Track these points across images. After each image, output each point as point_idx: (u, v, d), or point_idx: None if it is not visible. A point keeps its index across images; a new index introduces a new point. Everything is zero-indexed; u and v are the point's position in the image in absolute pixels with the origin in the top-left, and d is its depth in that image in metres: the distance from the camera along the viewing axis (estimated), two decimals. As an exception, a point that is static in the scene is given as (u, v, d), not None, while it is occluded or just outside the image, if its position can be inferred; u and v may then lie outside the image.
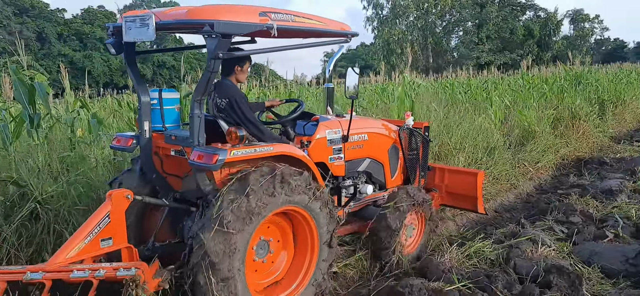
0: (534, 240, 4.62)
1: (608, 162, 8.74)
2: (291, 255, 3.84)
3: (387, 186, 4.95)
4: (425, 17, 49.90)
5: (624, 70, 25.09)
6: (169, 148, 3.79)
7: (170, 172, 3.93)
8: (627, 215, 5.40)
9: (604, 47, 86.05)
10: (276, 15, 3.46)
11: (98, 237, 3.11)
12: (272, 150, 3.49)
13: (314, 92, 13.04)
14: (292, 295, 3.69)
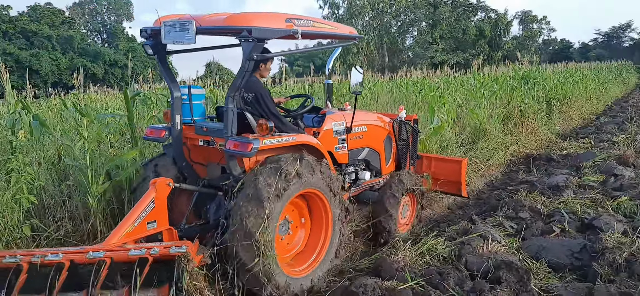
0: (485, 237, 4.70)
1: (555, 158, 9.02)
2: (307, 233, 4.35)
3: (382, 173, 5.53)
4: (381, 17, 50.38)
5: (569, 69, 26.04)
6: (197, 138, 4.29)
7: (196, 160, 4.45)
8: (573, 210, 5.57)
9: (551, 47, 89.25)
10: (299, 21, 3.96)
11: (145, 220, 3.55)
12: (295, 140, 4.06)
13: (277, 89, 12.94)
14: (310, 268, 4.17)
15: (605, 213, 5.27)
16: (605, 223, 4.95)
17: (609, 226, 4.88)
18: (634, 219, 5.25)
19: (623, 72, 38.16)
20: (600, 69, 33.52)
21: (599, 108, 18.44)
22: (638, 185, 6.48)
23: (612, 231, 4.70)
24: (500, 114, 10.31)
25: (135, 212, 3.54)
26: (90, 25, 64.91)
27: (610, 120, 14.36)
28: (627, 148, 8.76)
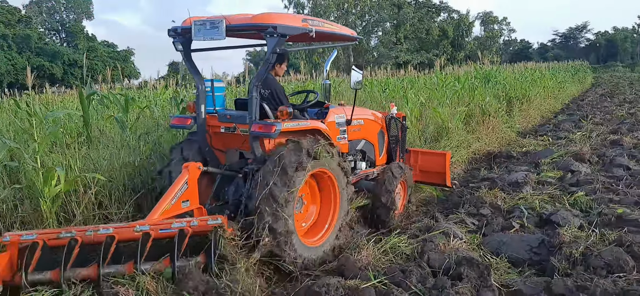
0: (447, 233, 4.74)
1: (515, 155, 9.21)
2: (318, 210, 4.83)
3: (376, 163, 6.08)
4: (346, 17, 50.54)
5: (529, 69, 26.69)
6: (219, 126, 4.76)
7: (216, 147, 4.93)
8: (532, 206, 5.69)
9: (512, 48, 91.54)
10: (312, 21, 4.55)
11: (180, 200, 4.02)
12: (309, 125, 4.61)
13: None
14: (320, 241, 4.62)
15: (562, 209, 5.39)
16: (563, 218, 5.06)
17: (566, 221, 5.00)
18: (589, 214, 5.39)
19: (579, 72, 39.38)
20: (558, 69, 34.53)
21: (557, 106, 18.94)
22: (593, 180, 6.66)
23: (569, 226, 4.81)
24: (462, 113, 10.46)
25: (171, 192, 4.02)
26: (48, 23, 62.89)
27: (567, 118, 14.77)
28: (583, 145, 9.03)
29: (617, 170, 7.28)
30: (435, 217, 5.61)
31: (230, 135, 4.75)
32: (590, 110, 16.84)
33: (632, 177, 6.82)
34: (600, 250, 4.05)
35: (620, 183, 6.53)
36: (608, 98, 21.62)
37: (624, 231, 4.49)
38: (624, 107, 16.83)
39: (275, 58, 4.35)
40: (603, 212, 5.26)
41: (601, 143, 9.72)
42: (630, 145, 9.15)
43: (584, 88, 30.33)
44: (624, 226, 4.76)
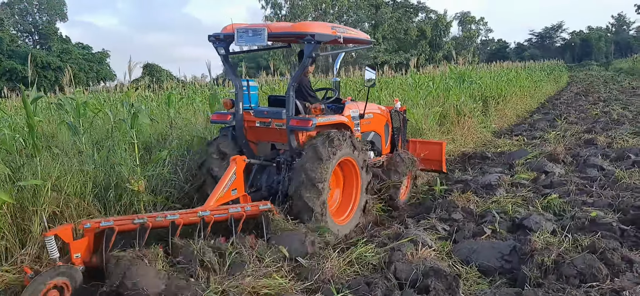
0: (416, 242, 4.52)
1: (490, 156, 9.08)
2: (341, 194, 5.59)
3: (382, 152, 6.75)
4: (324, 18, 50.41)
5: (505, 68, 26.82)
6: (255, 121, 5.37)
7: (250, 139, 5.57)
8: (504, 210, 5.52)
9: (489, 47, 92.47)
10: (338, 28, 5.27)
11: (230, 189, 4.71)
12: (336, 120, 5.39)
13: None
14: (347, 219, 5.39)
15: (535, 213, 5.23)
16: (535, 223, 4.90)
17: (538, 225, 4.83)
18: (562, 217, 5.24)
19: (555, 71, 39.80)
20: (534, 68, 34.85)
21: (533, 105, 18.99)
22: (567, 182, 6.54)
23: (541, 231, 4.64)
24: (436, 113, 10.32)
25: (222, 182, 4.70)
26: (21, 26, 61.46)
27: (542, 117, 14.76)
28: (557, 145, 8.94)
29: (591, 171, 7.17)
30: (406, 222, 5.41)
31: (265, 129, 5.41)
32: (565, 109, 16.90)
33: (605, 178, 6.71)
34: (573, 257, 3.87)
35: (594, 185, 6.41)
36: (583, 96, 21.77)
37: (598, 237, 4.34)
38: (598, 105, 16.91)
39: (309, 62, 5.15)
40: (576, 215, 5.10)
41: (575, 142, 9.66)
42: (604, 144, 9.09)
43: (560, 87, 30.57)
44: (598, 230, 4.61)
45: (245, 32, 4.97)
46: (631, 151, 8.01)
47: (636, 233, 4.65)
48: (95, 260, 3.83)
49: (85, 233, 3.84)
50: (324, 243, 4.62)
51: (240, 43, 5.08)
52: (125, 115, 5.74)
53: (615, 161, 7.70)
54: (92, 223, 3.86)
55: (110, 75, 52.63)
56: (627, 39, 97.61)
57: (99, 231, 3.87)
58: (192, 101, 10.12)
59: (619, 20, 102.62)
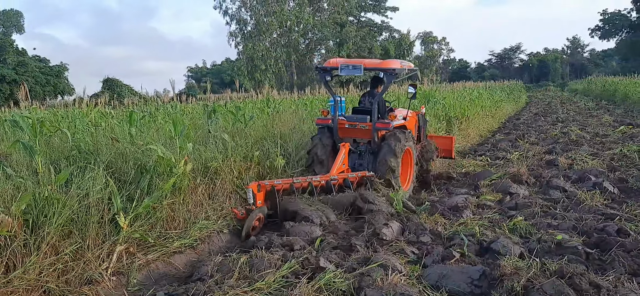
0: (385, 266, 4.45)
1: (455, 176, 9.15)
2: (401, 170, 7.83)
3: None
4: (289, 35, 50.52)
5: (467, 88, 27.34)
6: (345, 123, 7.92)
7: (341, 136, 7.92)
8: (472, 232, 5.51)
9: (451, 67, 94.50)
10: (404, 63, 8.00)
11: (342, 164, 7.31)
12: (403, 122, 8.04)
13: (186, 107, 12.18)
14: (407, 186, 8.06)
15: (502, 236, 5.24)
16: (503, 246, 4.90)
17: (506, 249, 4.83)
18: (529, 240, 5.27)
19: (514, 91, 40.88)
20: (495, 88, 35.66)
21: (495, 125, 19.38)
22: (531, 203, 6.62)
23: (509, 254, 4.65)
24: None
25: (337, 160, 7.27)
26: (-25, 37, 59.22)
27: (504, 137, 15.03)
28: (520, 165, 9.08)
29: (554, 192, 7.30)
30: (374, 246, 5.34)
31: (351, 129, 7.92)
32: (526, 129, 17.29)
33: (568, 200, 6.83)
34: (541, 282, 3.87)
35: (558, 206, 6.52)
36: (542, 117, 22.36)
37: (565, 261, 4.37)
38: (557, 126, 17.38)
39: (388, 87, 8.08)
40: (542, 238, 5.15)
41: (537, 163, 9.84)
42: (565, 165, 9.29)
43: (519, 107, 31.39)
44: (564, 254, 4.65)
45: (347, 66, 7.72)
46: (591, 172, 8.20)
47: (600, 257, 4.71)
48: (268, 203, 6.38)
49: (262, 189, 6.26)
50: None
51: (343, 73, 7.78)
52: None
53: (577, 182, 7.85)
54: (267, 183, 6.37)
55: (69, 89, 51.14)
56: (582, 61, 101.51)
57: (270, 188, 6.36)
58: (154, 119, 9.86)
59: (574, 42, 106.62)
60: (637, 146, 10.93)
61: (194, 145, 6.78)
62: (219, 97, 18.85)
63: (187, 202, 6.19)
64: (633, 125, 15.80)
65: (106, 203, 5.08)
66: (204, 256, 5.59)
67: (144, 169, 5.81)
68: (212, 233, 6.09)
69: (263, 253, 4.90)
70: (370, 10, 62.57)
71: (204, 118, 9.00)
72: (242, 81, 44.85)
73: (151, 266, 5.13)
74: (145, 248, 5.26)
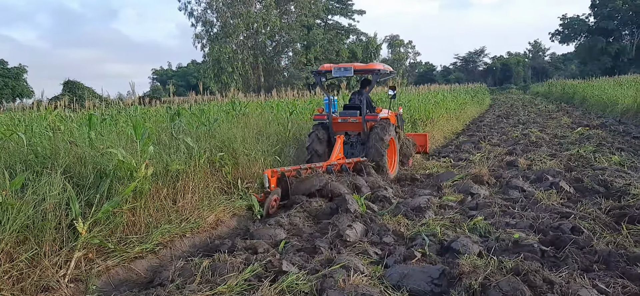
0: (348, 267, 4.49)
1: (419, 178, 9.28)
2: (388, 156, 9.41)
3: None
4: (255, 37, 50.29)
5: (432, 91, 27.76)
6: (338, 119, 9.44)
7: (335, 130, 9.44)
8: (433, 232, 5.61)
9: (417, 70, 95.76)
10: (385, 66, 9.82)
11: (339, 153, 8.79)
12: (387, 115, 9.70)
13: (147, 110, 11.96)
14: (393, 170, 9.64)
15: (462, 235, 5.35)
16: (463, 245, 5.00)
17: (466, 248, 4.93)
18: (488, 239, 5.40)
19: (478, 94, 41.71)
20: (459, 91, 36.29)
21: (459, 127, 19.74)
22: (491, 204, 6.77)
23: (468, 253, 4.75)
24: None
25: (335, 150, 8.70)
26: None
27: (468, 139, 15.32)
28: (482, 167, 9.28)
29: (513, 192, 7.48)
30: (338, 247, 5.37)
31: (343, 123, 9.52)
32: (489, 131, 17.67)
33: (526, 199, 7.02)
34: (498, 280, 3.97)
35: (516, 206, 6.69)
36: (504, 119, 22.90)
37: (521, 258, 4.48)
38: (518, 128, 17.82)
39: (373, 85, 9.84)
40: (500, 237, 5.28)
41: (498, 164, 10.07)
42: (524, 166, 9.54)
43: (483, 110, 32.06)
44: (521, 252, 4.77)
45: (339, 69, 9.28)
46: (549, 173, 8.44)
47: (555, 254, 4.85)
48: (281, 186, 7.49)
49: (274, 175, 7.41)
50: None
51: (336, 75, 9.29)
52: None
53: (535, 182, 8.07)
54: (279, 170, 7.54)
55: (27, 91, 49.65)
56: (543, 65, 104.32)
57: (281, 174, 7.51)
58: (116, 122, 9.68)
59: (536, 46, 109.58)
60: (593, 147, 11.31)
61: (156, 148, 6.68)
62: (184, 99, 18.60)
63: (148, 207, 6.09)
64: (590, 126, 16.35)
65: (64, 208, 4.96)
66: (165, 261, 5.53)
67: (104, 173, 5.69)
68: (175, 237, 6.03)
69: (226, 256, 4.89)
70: (337, 13, 62.90)
71: (167, 122, 8.88)
72: (208, 83, 44.44)
73: (111, 272, 5.04)
74: (105, 254, 5.16)
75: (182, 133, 7.98)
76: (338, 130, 9.43)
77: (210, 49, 48.99)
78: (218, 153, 7.81)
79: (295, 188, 7.54)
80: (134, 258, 5.34)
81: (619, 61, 71.21)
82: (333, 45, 55.71)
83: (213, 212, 6.88)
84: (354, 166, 8.64)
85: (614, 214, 6.05)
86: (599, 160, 9.68)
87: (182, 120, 8.66)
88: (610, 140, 12.83)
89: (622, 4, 71.62)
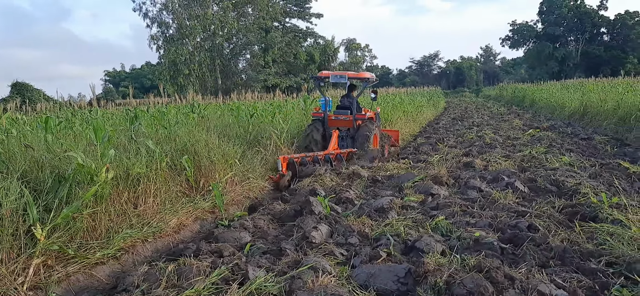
0: (316, 268, 4.53)
1: (380, 179, 9.41)
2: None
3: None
4: (213, 39, 49.71)
5: (390, 94, 28.17)
6: (332, 116, 11.71)
7: (330, 126, 11.53)
8: (397, 233, 5.71)
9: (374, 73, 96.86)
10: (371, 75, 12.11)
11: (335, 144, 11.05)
12: (372, 114, 12.23)
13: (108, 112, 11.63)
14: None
15: (425, 235, 5.47)
16: (426, 244, 5.12)
17: (429, 247, 5.06)
18: (450, 238, 5.54)
19: (434, 97, 42.62)
20: (415, 94, 36.97)
21: (416, 129, 20.11)
22: (451, 204, 6.95)
23: (432, 252, 4.87)
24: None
25: (332, 142, 10.86)
26: None
27: (425, 141, 15.60)
28: (440, 168, 9.50)
29: (472, 192, 7.70)
30: (304, 249, 5.40)
31: (336, 120, 11.58)
32: (445, 133, 18.08)
33: (484, 199, 7.24)
34: (462, 277, 4.10)
35: (475, 206, 6.89)
36: (459, 121, 23.47)
37: (482, 256, 4.64)
38: (473, 130, 18.31)
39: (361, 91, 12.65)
40: (462, 235, 5.43)
41: (456, 165, 10.32)
42: (481, 167, 9.82)
43: (438, 112, 32.75)
44: (481, 249, 4.93)
45: (336, 76, 11.86)
46: (504, 173, 8.73)
47: (514, 251, 5.04)
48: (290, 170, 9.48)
49: (284, 160, 9.44)
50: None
51: (333, 80, 11.95)
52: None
53: (491, 182, 8.33)
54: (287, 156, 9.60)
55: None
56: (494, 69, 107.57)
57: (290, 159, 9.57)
58: (72, 125, 9.40)
59: (487, 51, 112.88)
60: (544, 148, 11.77)
61: (116, 152, 6.53)
62: (141, 102, 18.21)
63: (109, 211, 5.96)
64: (540, 128, 16.99)
65: (21, 214, 4.79)
66: (128, 267, 5.43)
67: (63, 178, 5.53)
68: (137, 242, 5.92)
69: (191, 260, 4.84)
70: (295, 16, 62.97)
71: (126, 124, 8.69)
72: (165, 86, 43.61)
73: (71, 279, 4.91)
74: (65, 260, 5.02)
75: (142, 136, 7.84)
76: (332, 126, 11.58)
77: (166, 50, 48.10)
78: (180, 156, 7.70)
79: (301, 172, 9.64)
80: (95, 264, 5.22)
81: (565, 66, 74.24)
82: (291, 47, 55.76)
83: (175, 215, 6.79)
84: (346, 155, 11.05)
85: (566, 212, 6.33)
86: (550, 160, 10.07)
87: (141, 123, 8.50)
88: (560, 142, 13.37)
89: (567, 11, 74.80)
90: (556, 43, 76.83)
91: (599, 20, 75.00)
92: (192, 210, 7.16)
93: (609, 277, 4.34)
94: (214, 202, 7.40)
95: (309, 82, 42.81)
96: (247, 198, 8.45)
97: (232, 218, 7.08)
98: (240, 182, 8.68)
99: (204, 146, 8.30)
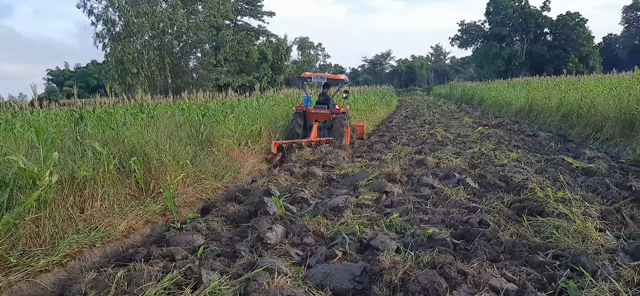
0: (271, 270, 4.47)
1: (335, 178, 9.43)
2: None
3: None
4: (162, 37, 48.58)
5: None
6: (312, 109, 14.36)
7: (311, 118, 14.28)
8: (353, 231, 5.73)
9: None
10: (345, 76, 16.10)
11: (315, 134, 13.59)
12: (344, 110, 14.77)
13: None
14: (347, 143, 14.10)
15: (380, 233, 5.51)
16: (381, 242, 5.15)
17: (384, 245, 5.09)
18: (404, 235, 5.60)
19: (386, 95, 43.20)
20: (368, 93, 37.33)
21: (369, 128, 20.28)
22: (405, 201, 7.04)
23: (387, 250, 4.90)
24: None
25: (313, 131, 13.47)
26: None
27: (379, 139, 15.76)
28: (394, 165, 9.61)
29: (424, 189, 7.82)
30: (259, 250, 5.33)
31: (315, 113, 14.14)
32: (398, 131, 18.34)
33: (437, 196, 7.36)
34: (416, 273, 4.14)
35: (428, 202, 7.00)
36: (411, 119, 23.88)
37: (436, 252, 4.70)
38: (425, 128, 18.66)
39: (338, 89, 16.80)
40: (416, 232, 5.50)
41: (409, 163, 10.46)
42: (433, 164, 10.00)
43: (391, 111, 33.21)
44: (435, 246, 5.01)
45: (317, 77, 15.37)
46: (455, 170, 8.92)
47: (466, 247, 5.15)
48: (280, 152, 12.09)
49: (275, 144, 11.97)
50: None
51: (315, 80, 15.52)
52: None
53: (443, 179, 8.49)
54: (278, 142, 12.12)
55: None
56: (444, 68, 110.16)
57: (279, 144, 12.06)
58: (12, 127, 8.95)
59: (437, 50, 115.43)
60: (493, 145, 12.12)
61: (60, 154, 6.25)
62: (87, 102, 17.58)
63: (53, 216, 5.70)
64: (489, 125, 17.50)
65: (-43, 222, 4.51)
66: (75, 274, 5.20)
67: (3, 182, 5.24)
68: (84, 248, 5.68)
69: (142, 265, 4.69)
70: (246, 14, 62.44)
71: (71, 125, 8.34)
72: (112, 85, 42.30)
73: (13, 288, 4.66)
74: (7, 268, 4.76)
75: (88, 138, 7.55)
76: (312, 118, 14.10)
77: (113, 48, 46.63)
78: (129, 158, 7.46)
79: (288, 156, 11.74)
80: (40, 272, 4.97)
81: (511, 65, 76.88)
82: (243, 46, 55.24)
83: (125, 219, 6.56)
84: (326, 142, 13.26)
85: (515, 207, 6.51)
86: (498, 157, 10.37)
87: (87, 124, 8.19)
88: (508, 139, 13.81)
89: (513, 11, 77.47)
90: (503, 43, 79.41)
91: (542, 20, 78.08)
92: (142, 213, 6.94)
93: (555, 269, 4.49)
94: (165, 205, 7.21)
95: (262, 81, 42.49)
96: (200, 200, 8.27)
97: (185, 220, 6.90)
98: (192, 183, 8.49)
99: (154, 147, 8.06)
